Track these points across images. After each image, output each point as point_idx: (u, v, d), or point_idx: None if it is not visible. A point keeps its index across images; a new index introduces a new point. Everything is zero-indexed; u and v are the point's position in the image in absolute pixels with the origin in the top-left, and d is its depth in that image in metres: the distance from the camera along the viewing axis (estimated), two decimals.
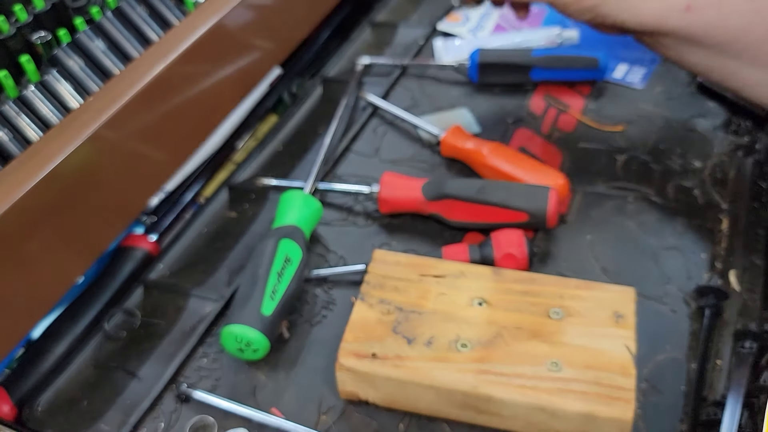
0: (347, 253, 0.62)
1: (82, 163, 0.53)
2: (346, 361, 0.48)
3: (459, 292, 0.52)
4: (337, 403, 0.51)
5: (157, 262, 0.63)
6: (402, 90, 0.79)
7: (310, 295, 0.59)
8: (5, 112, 0.55)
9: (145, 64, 0.59)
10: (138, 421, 0.51)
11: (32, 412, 0.53)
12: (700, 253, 0.59)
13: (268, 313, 0.52)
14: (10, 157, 0.54)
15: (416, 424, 0.50)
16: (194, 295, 0.60)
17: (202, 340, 0.56)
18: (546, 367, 0.47)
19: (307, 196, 0.61)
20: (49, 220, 0.52)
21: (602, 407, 0.45)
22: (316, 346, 0.55)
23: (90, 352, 0.57)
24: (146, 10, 0.65)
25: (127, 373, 0.55)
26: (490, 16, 0.88)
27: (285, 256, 0.55)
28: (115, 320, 0.59)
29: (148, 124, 0.59)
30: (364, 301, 0.52)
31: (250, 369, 0.54)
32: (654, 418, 0.49)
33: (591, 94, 0.76)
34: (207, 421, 0.50)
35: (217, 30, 0.65)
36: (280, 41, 0.76)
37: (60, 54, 0.60)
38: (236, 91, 0.71)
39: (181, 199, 0.71)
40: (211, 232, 0.66)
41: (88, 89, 0.60)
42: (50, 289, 0.54)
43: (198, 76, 0.64)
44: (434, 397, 0.48)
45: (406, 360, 0.48)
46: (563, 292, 0.52)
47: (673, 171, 0.66)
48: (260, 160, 0.73)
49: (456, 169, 0.69)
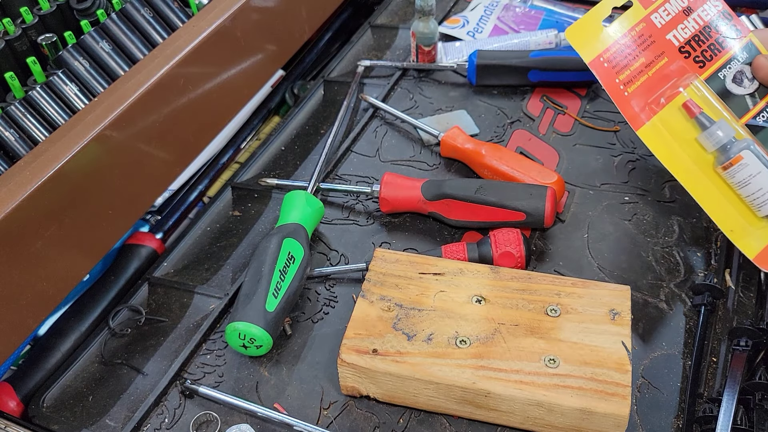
0: (348, 251, 0.63)
1: (88, 163, 0.54)
2: (348, 357, 0.49)
3: (458, 289, 0.53)
4: (338, 399, 0.52)
5: (161, 260, 0.64)
6: (402, 91, 0.80)
7: (312, 292, 0.59)
8: (12, 113, 0.56)
9: (149, 66, 0.60)
10: (143, 417, 0.51)
11: (38, 407, 0.54)
12: (695, 251, 0.60)
13: (271, 310, 0.52)
14: (17, 157, 0.55)
15: (416, 418, 0.51)
16: (198, 292, 0.61)
17: (206, 337, 0.57)
18: (543, 363, 0.48)
19: (309, 196, 0.62)
20: (55, 218, 0.52)
21: (598, 403, 0.46)
22: (318, 342, 0.56)
23: (96, 348, 0.57)
24: (151, 12, 0.66)
25: (132, 369, 0.56)
26: (489, 19, 0.89)
27: (288, 255, 0.56)
28: (120, 317, 0.59)
29: (153, 125, 0.60)
30: (365, 298, 0.53)
31: (254, 365, 0.55)
32: (650, 413, 0.50)
33: (588, 95, 0.77)
34: (211, 416, 0.51)
35: (221, 32, 0.65)
36: (283, 44, 0.77)
37: (65, 55, 0.60)
38: (240, 93, 0.71)
39: (186, 198, 0.72)
40: (215, 230, 0.67)
41: (94, 90, 0.61)
42: (56, 286, 0.54)
43: (202, 77, 0.64)
44: (434, 392, 0.48)
45: (407, 356, 0.49)
46: (560, 289, 0.52)
47: (668, 171, 0.67)
48: (263, 160, 0.73)
49: (455, 169, 0.70)
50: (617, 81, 0.57)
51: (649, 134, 0.56)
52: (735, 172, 0.54)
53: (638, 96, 0.57)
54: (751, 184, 0.54)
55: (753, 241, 0.55)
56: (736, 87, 0.57)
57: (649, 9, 0.58)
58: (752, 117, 0.56)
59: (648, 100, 0.57)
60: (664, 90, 0.57)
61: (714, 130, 0.55)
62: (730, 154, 0.54)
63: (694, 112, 0.55)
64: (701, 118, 0.55)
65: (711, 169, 0.56)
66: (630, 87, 0.57)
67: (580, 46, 0.58)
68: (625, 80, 0.57)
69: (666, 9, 0.58)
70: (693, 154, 0.56)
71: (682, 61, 0.57)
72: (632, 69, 0.57)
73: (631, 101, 0.57)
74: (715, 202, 0.55)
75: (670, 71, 0.57)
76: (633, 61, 0.57)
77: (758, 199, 0.54)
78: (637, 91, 0.57)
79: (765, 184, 0.53)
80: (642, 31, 0.58)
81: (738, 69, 0.57)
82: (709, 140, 0.55)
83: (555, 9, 0.89)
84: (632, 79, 0.57)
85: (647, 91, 0.57)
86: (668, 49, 0.58)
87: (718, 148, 0.55)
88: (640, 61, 0.57)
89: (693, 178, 0.56)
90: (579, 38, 0.58)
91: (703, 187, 0.56)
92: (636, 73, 0.57)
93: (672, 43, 0.58)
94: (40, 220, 0.51)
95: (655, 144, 0.56)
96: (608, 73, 0.57)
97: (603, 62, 0.57)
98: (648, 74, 0.57)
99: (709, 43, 0.57)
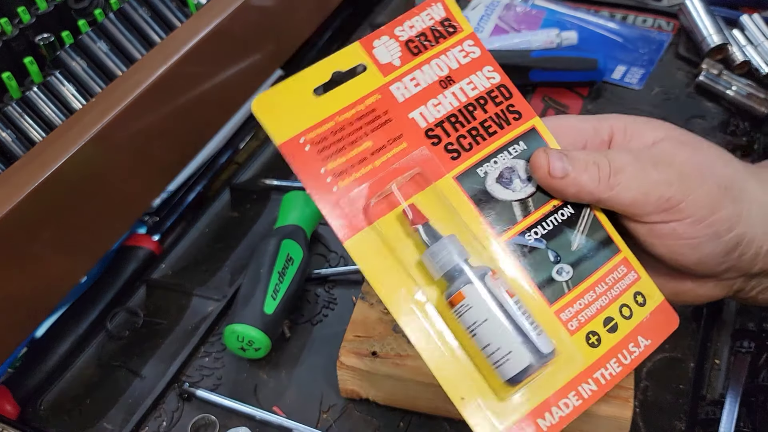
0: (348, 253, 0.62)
1: (85, 164, 0.54)
2: (347, 359, 0.49)
3: None
4: (337, 402, 0.52)
5: (159, 262, 0.64)
6: None
7: (312, 294, 0.59)
8: (9, 113, 0.55)
9: (147, 66, 0.60)
10: (140, 420, 0.51)
11: (35, 410, 0.54)
12: None
13: (270, 312, 0.52)
14: (14, 158, 0.55)
15: (416, 422, 0.50)
16: (196, 294, 0.60)
17: (205, 339, 0.56)
18: None
19: (308, 197, 0.62)
20: (52, 220, 0.52)
21: (601, 405, 0.45)
22: (317, 344, 0.56)
23: (93, 351, 0.57)
24: (149, 11, 0.66)
25: (130, 372, 0.55)
26: (490, 18, 0.89)
27: (287, 256, 0.55)
28: (118, 319, 0.59)
29: (151, 125, 0.59)
30: (365, 301, 0.52)
31: (252, 368, 0.54)
32: (653, 416, 0.50)
33: (589, 95, 0.76)
34: (209, 419, 0.51)
35: (220, 32, 0.65)
36: (282, 43, 0.76)
37: (63, 55, 0.60)
38: (239, 93, 0.71)
39: (184, 199, 0.72)
40: (213, 232, 0.67)
41: (91, 90, 0.60)
42: (54, 288, 0.54)
43: (200, 77, 0.64)
44: (434, 395, 0.48)
45: (406, 358, 0.48)
46: None
47: None
48: (262, 161, 0.73)
49: None
50: (323, 171, 0.38)
51: (359, 248, 0.38)
52: (459, 314, 0.37)
53: (353, 193, 0.39)
54: (478, 335, 0.36)
55: (493, 416, 0.37)
56: (501, 189, 0.40)
57: (390, 77, 0.41)
58: (519, 233, 0.40)
59: (369, 200, 0.39)
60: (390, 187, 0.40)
61: (438, 249, 0.37)
62: (453, 288, 0.37)
63: (415, 222, 0.38)
64: (422, 230, 0.38)
65: (443, 305, 0.38)
66: (343, 180, 0.39)
67: (271, 121, 0.39)
68: (336, 171, 0.39)
69: (415, 79, 0.41)
70: (419, 281, 0.38)
71: (429, 148, 0.40)
72: (350, 155, 0.39)
73: (340, 200, 0.39)
74: (446, 357, 0.37)
75: (406, 161, 0.40)
76: (353, 145, 0.39)
77: (492, 356, 0.36)
78: (353, 185, 0.39)
79: (497, 336, 0.36)
80: (374, 105, 0.40)
81: (508, 165, 0.41)
82: (432, 263, 0.38)
83: (556, 9, 0.89)
84: (347, 169, 0.39)
85: (370, 187, 0.39)
86: (409, 132, 0.40)
87: (443, 275, 0.37)
88: (365, 145, 0.40)
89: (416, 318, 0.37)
90: (272, 109, 0.39)
91: (432, 332, 0.37)
92: (356, 162, 0.39)
93: (416, 124, 0.40)
94: (37, 221, 0.51)
95: (368, 264, 0.38)
96: (310, 159, 0.39)
97: (305, 144, 0.39)
98: (374, 164, 0.39)
99: (470, 127, 0.41)
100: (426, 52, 0.42)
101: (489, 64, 0.43)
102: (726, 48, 0.76)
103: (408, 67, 0.42)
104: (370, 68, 0.41)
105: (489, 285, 0.37)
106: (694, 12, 0.79)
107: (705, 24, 0.78)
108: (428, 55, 0.42)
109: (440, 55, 0.42)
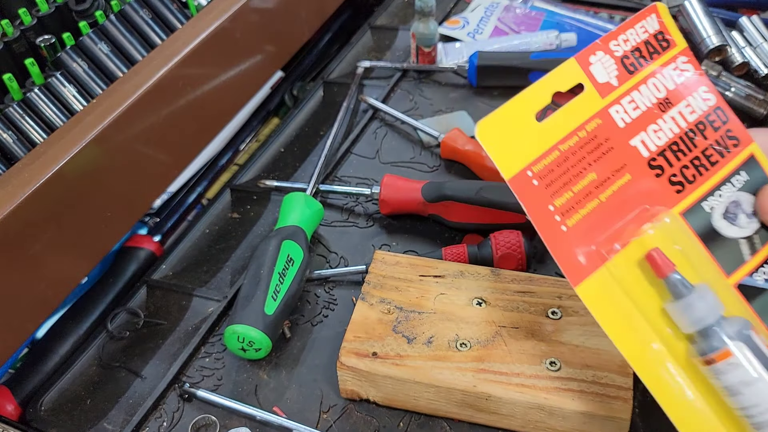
0: (348, 253, 0.63)
1: (86, 165, 0.54)
2: (347, 360, 0.49)
3: (458, 292, 0.53)
4: (338, 402, 0.52)
5: (160, 263, 0.64)
6: (402, 93, 0.79)
7: (312, 295, 0.59)
8: (10, 115, 0.56)
9: (148, 68, 0.60)
10: (141, 420, 0.51)
11: (36, 411, 0.53)
12: None
13: (270, 313, 0.52)
14: (15, 159, 0.55)
15: (416, 422, 0.50)
16: (197, 295, 0.60)
17: (205, 340, 0.56)
18: (544, 367, 0.47)
19: (308, 198, 0.62)
20: (53, 221, 0.52)
21: (600, 406, 0.45)
22: (318, 345, 0.56)
23: (94, 351, 0.57)
24: (150, 13, 0.66)
25: (131, 373, 0.55)
26: (489, 20, 0.89)
27: (287, 257, 0.56)
28: (118, 320, 0.59)
29: (152, 126, 0.60)
30: (365, 301, 0.52)
31: (253, 368, 0.54)
32: (653, 416, 0.50)
33: None
34: (209, 419, 0.51)
35: (220, 34, 0.65)
36: (282, 45, 0.77)
37: (64, 57, 0.60)
38: (239, 94, 0.71)
39: (184, 200, 0.72)
40: (214, 233, 0.67)
41: (92, 92, 0.61)
42: (54, 289, 0.54)
43: (201, 79, 0.64)
44: (434, 395, 0.48)
45: (407, 359, 0.48)
46: (561, 292, 0.52)
47: None
48: (262, 162, 0.73)
49: (455, 170, 0.69)
50: (551, 208, 0.36)
51: (593, 294, 0.36)
52: (721, 372, 0.34)
53: (582, 233, 0.37)
54: (743, 395, 0.33)
55: None
56: (727, 226, 0.37)
57: (609, 99, 0.38)
58: (748, 274, 0.37)
59: (597, 240, 0.37)
60: (623, 225, 0.37)
61: (692, 301, 0.35)
62: (714, 344, 0.34)
63: (664, 271, 0.35)
64: (674, 280, 0.35)
65: (685, 358, 0.36)
66: (570, 218, 0.36)
67: (497, 150, 0.37)
68: (563, 208, 0.36)
69: (633, 101, 0.38)
70: (659, 331, 0.36)
71: (652, 180, 0.38)
72: (576, 190, 0.37)
73: (572, 241, 0.36)
74: (688, 411, 0.35)
75: (632, 196, 0.37)
76: (578, 178, 0.37)
77: (755, 417, 0.33)
78: (581, 224, 0.36)
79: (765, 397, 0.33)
80: (595, 132, 0.38)
81: (733, 199, 0.38)
82: (685, 316, 0.35)
83: (556, 10, 0.89)
84: (574, 205, 0.36)
85: (597, 225, 0.37)
86: (632, 162, 0.38)
87: (698, 330, 0.35)
88: (590, 178, 0.37)
89: (655, 369, 0.36)
90: (496, 137, 0.37)
91: (672, 385, 0.35)
92: (581, 197, 0.37)
93: (638, 153, 0.38)
94: (38, 222, 0.51)
95: (603, 310, 0.36)
96: (538, 195, 0.36)
97: (532, 178, 0.36)
98: (599, 199, 0.37)
99: (692, 157, 0.38)
100: (642, 71, 0.39)
101: (704, 84, 0.40)
102: (725, 49, 0.76)
103: (626, 87, 0.38)
104: (588, 89, 0.38)
105: (757, 342, 0.34)
106: (693, 14, 0.79)
107: (704, 25, 0.78)
108: (644, 74, 0.39)
109: (656, 74, 0.39)
